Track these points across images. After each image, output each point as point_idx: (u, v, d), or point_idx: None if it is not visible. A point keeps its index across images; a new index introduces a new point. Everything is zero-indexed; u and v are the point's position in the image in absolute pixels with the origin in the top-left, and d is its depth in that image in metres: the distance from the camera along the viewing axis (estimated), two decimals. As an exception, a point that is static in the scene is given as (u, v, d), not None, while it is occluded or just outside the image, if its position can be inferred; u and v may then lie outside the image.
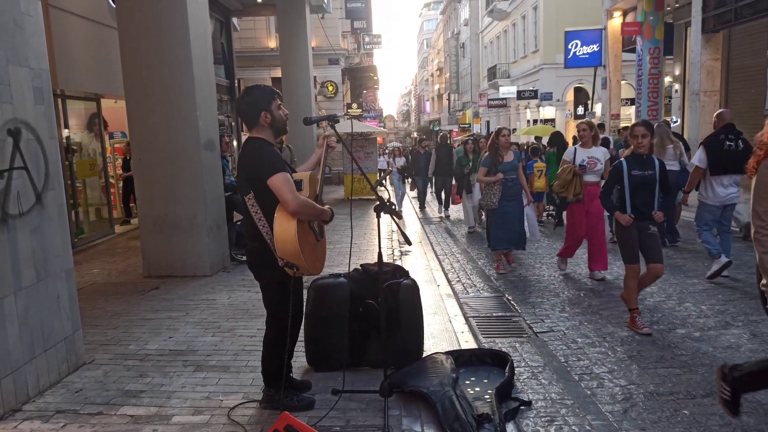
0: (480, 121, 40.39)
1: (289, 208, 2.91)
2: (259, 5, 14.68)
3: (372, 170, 15.31)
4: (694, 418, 3.29)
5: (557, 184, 6.53)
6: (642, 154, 4.78)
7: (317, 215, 3.12)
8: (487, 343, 4.61)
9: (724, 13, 13.75)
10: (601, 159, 6.37)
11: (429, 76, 74.32)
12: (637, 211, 4.75)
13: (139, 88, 6.46)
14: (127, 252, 8.39)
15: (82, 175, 9.24)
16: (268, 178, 2.92)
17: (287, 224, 2.91)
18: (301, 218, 2.96)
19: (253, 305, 5.35)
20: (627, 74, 20.43)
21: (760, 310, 5.06)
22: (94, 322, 4.99)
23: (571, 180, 6.36)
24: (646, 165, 4.78)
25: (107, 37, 9.24)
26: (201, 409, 3.36)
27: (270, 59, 20.17)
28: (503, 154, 6.88)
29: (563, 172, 6.46)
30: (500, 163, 6.84)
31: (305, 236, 3.02)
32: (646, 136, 4.74)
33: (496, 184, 6.80)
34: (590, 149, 6.45)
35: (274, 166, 2.96)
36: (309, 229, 3.11)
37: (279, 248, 2.94)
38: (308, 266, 2.99)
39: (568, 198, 6.52)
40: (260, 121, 3.09)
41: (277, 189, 2.92)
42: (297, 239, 2.89)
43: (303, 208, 2.95)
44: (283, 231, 2.91)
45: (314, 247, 3.15)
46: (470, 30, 44.65)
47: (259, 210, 3.03)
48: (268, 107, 3.09)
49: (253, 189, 3.03)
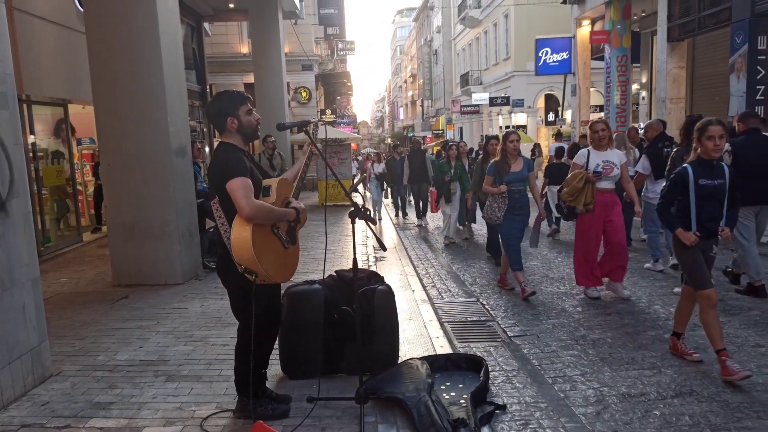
0: (453, 128, 40.74)
1: (243, 213, 2.87)
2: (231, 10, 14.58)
3: (346, 176, 15.28)
4: (665, 419, 3.35)
5: (566, 192, 5.74)
6: (712, 160, 3.95)
7: (278, 218, 3.04)
8: (462, 348, 4.63)
9: (688, 23, 14.15)
10: (617, 163, 5.65)
11: (402, 83, 74.69)
12: (703, 229, 3.97)
13: (108, 94, 6.34)
14: (95, 260, 8.21)
15: (49, 182, 9.02)
16: (227, 183, 2.90)
17: (242, 229, 2.88)
18: (258, 223, 2.91)
19: (226, 313, 5.27)
20: (596, 81, 20.86)
21: (726, 311, 5.19)
22: (62, 333, 4.87)
23: (582, 188, 5.61)
24: (715, 173, 3.97)
25: (75, 41, 9.07)
26: (173, 420, 3.30)
27: (242, 65, 20.04)
28: (510, 162, 6.04)
29: (573, 179, 5.67)
30: (506, 173, 6.02)
31: (266, 242, 2.97)
32: (723, 138, 3.93)
33: (500, 196, 6.05)
34: (605, 152, 5.71)
35: (234, 170, 2.93)
36: (273, 235, 3.04)
37: (235, 254, 2.90)
38: (268, 273, 2.92)
39: (577, 208, 5.71)
40: (227, 126, 3.08)
41: (232, 193, 2.89)
42: (251, 245, 2.84)
43: (257, 212, 2.89)
44: (238, 236, 2.88)
45: (281, 254, 3.08)
46: (443, 37, 45.06)
47: (223, 215, 3.01)
48: (234, 113, 3.07)
49: (218, 194, 3.01)
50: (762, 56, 11.70)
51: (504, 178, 6.00)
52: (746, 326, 4.84)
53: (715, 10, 13.18)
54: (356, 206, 3.20)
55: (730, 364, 3.78)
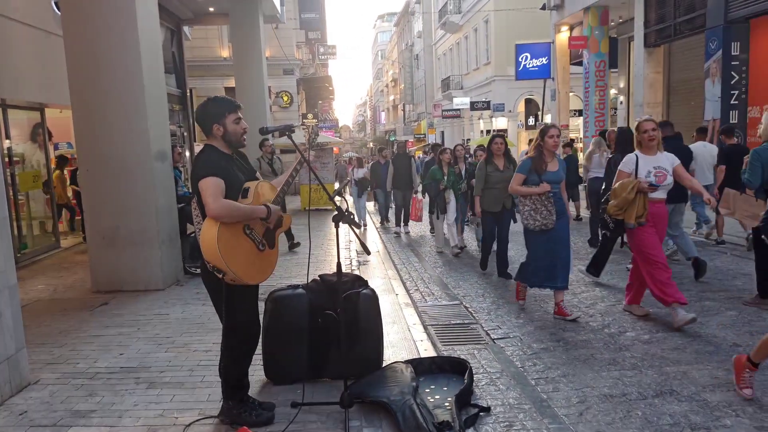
0: (435, 132, 40.94)
1: (209, 211, 2.91)
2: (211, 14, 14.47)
3: (329, 180, 15.25)
4: (646, 419, 3.40)
5: (614, 206, 4.95)
6: None
7: (245, 216, 3.02)
8: (446, 351, 4.64)
9: (664, 29, 14.42)
10: (668, 169, 4.91)
11: (384, 87, 74.85)
12: None
13: (86, 98, 6.26)
14: (74, 267, 8.08)
15: (25, 188, 8.86)
16: (198, 182, 2.97)
17: (208, 227, 2.93)
18: (225, 221, 2.93)
19: (208, 319, 5.23)
20: (575, 86, 21.14)
21: (704, 311, 5.29)
22: (40, 341, 4.78)
23: (633, 199, 4.84)
24: None
25: (52, 45, 8.92)
26: (155, 427, 3.26)
27: (223, 68, 19.92)
28: (548, 160, 5.28)
29: (623, 189, 4.87)
30: (544, 172, 5.24)
31: (236, 242, 2.99)
32: None
33: (542, 197, 5.18)
34: (655, 156, 4.96)
35: (207, 170, 2.98)
36: (244, 235, 3.05)
37: (203, 251, 2.95)
38: (236, 274, 2.93)
39: (627, 223, 4.93)
40: (212, 132, 3.12)
41: (202, 192, 2.95)
42: (216, 242, 2.86)
43: (224, 210, 2.91)
44: (204, 234, 2.93)
45: (253, 255, 3.08)
46: (424, 42, 45.29)
47: (200, 214, 3.06)
48: (221, 120, 3.10)
49: (196, 193, 3.05)
50: (736, 62, 11.97)
51: (542, 177, 5.23)
52: (724, 327, 4.93)
53: (690, 16, 13.46)
54: (340, 210, 3.20)
55: None
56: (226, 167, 3.06)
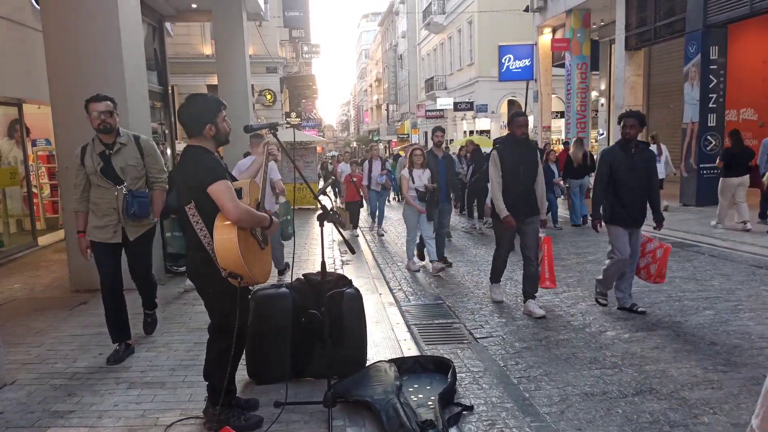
0: (418, 132, 40.99)
1: (231, 216, 2.84)
2: (193, 11, 14.33)
3: (312, 179, 15.20)
4: (626, 416, 3.44)
5: None
6: None
7: (257, 222, 3.05)
8: (429, 350, 4.66)
9: (645, 32, 14.61)
10: None
11: (368, 87, 74.79)
12: None
13: (65, 94, 6.14)
14: (52, 265, 7.94)
15: (2, 185, 8.69)
16: (209, 186, 2.85)
17: (228, 233, 2.84)
18: (242, 226, 2.90)
19: (189, 318, 5.18)
20: (557, 88, 21.34)
21: (683, 311, 5.37)
22: (17, 341, 4.69)
23: None
24: None
25: (30, 39, 8.77)
26: (135, 428, 3.22)
27: (205, 66, 19.71)
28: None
29: None
30: None
31: (248, 244, 2.96)
32: None
33: None
34: None
35: (215, 173, 2.89)
36: (251, 236, 3.04)
37: (220, 258, 2.85)
38: (253, 275, 2.92)
39: None
40: (204, 132, 3.02)
41: (217, 197, 2.84)
42: (239, 249, 2.81)
43: (245, 215, 2.89)
44: (224, 240, 2.83)
45: (259, 254, 3.09)
46: (408, 42, 45.36)
47: (200, 219, 2.94)
48: (213, 120, 3.03)
49: (194, 198, 2.93)
50: (714, 65, 12.18)
51: None
52: (701, 327, 5.01)
53: (670, 20, 13.66)
54: (325, 209, 3.19)
55: None
56: (224, 169, 3.03)
